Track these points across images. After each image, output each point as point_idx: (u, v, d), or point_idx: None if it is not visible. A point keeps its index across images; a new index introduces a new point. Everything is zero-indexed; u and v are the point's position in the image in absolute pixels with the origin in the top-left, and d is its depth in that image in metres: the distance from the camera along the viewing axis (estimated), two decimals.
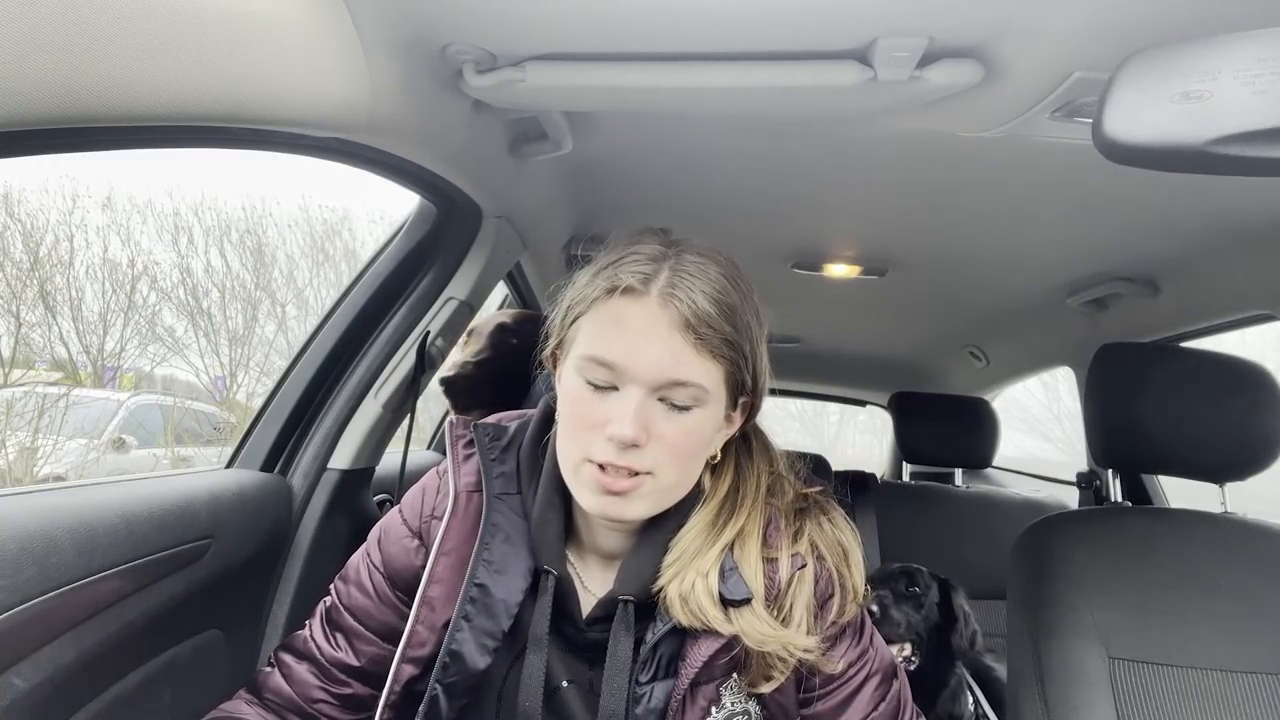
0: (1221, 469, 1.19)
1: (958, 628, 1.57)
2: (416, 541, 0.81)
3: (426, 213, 1.24)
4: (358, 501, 1.26)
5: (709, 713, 0.73)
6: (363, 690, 0.81)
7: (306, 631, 0.84)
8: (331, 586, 0.85)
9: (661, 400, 0.69)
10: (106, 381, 7.62)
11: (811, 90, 0.88)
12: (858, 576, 0.78)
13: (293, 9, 0.67)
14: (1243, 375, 1.16)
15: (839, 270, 1.82)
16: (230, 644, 0.98)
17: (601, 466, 0.69)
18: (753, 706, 0.75)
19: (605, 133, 1.17)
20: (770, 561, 0.75)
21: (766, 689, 0.74)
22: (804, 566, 0.76)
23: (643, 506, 0.72)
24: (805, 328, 2.58)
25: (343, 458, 1.20)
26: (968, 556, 2.01)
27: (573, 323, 0.74)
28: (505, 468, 0.80)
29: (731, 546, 0.75)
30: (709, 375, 0.70)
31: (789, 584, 0.75)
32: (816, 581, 0.76)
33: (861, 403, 3.77)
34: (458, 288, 1.28)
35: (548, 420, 0.80)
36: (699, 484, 0.78)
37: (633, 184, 1.41)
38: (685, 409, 0.70)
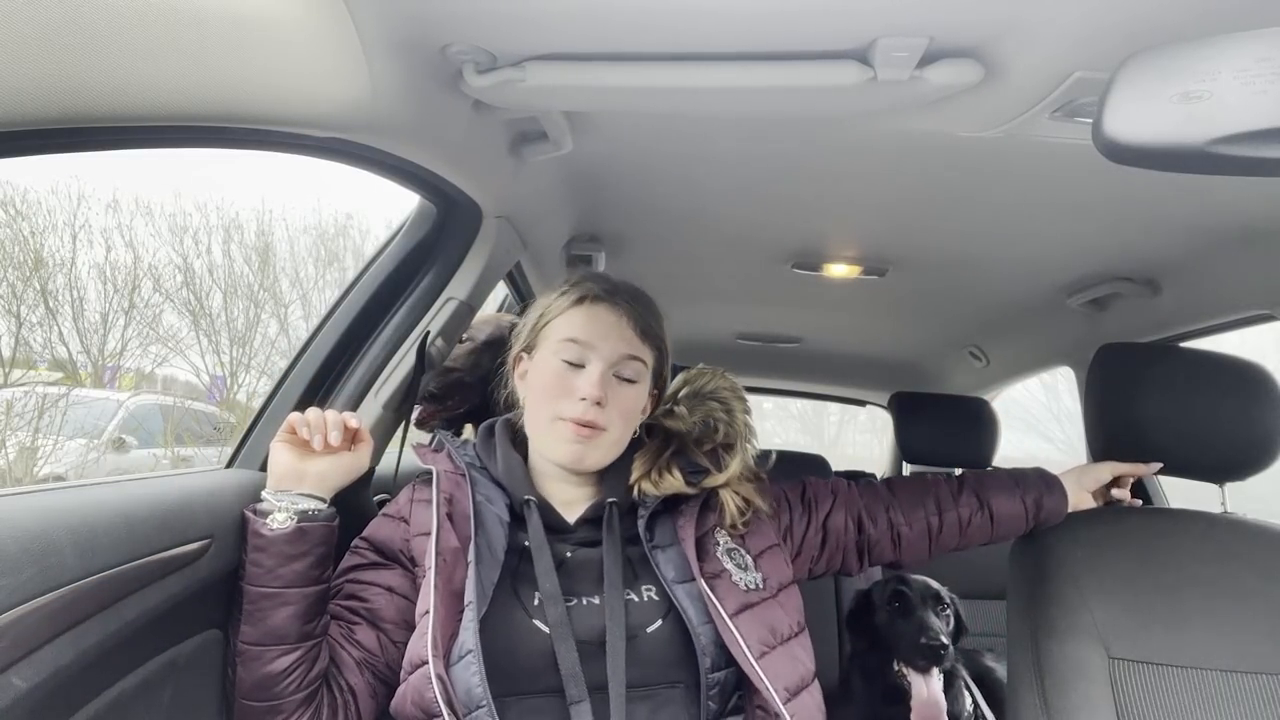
0: (1221, 469, 1.19)
1: (963, 637, 1.58)
2: (402, 522, 0.99)
3: (426, 213, 1.24)
4: (358, 501, 1.26)
5: (716, 548, 0.96)
6: (370, 637, 0.93)
7: None
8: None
9: (615, 376, 0.98)
10: (106, 381, 7.62)
11: (811, 90, 0.88)
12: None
13: (293, 9, 0.67)
14: (1243, 375, 1.16)
15: (839, 270, 1.81)
16: (230, 644, 0.98)
17: (567, 420, 0.95)
18: (740, 544, 0.99)
19: (605, 133, 1.17)
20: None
21: (740, 521, 1.00)
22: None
23: (599, 456, 0.98)
24: (805, 328, 2.58)
25: None
26: (968, 556, 1.99)
27: (544, 327, 1.01)
28: (467, 452, 1.04)
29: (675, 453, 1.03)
30: (646, 355, 1.01)
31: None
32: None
33: (861, 403, 3.76)
34: (458, 288, 1.28)
35: (490, 428, 1.07)
36: (639, 439, 1.05)
37: (633, 184, 1.41)
38: (630, 382, 0.99)
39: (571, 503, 1.01)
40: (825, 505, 1.11)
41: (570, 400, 0.95)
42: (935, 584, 1.59)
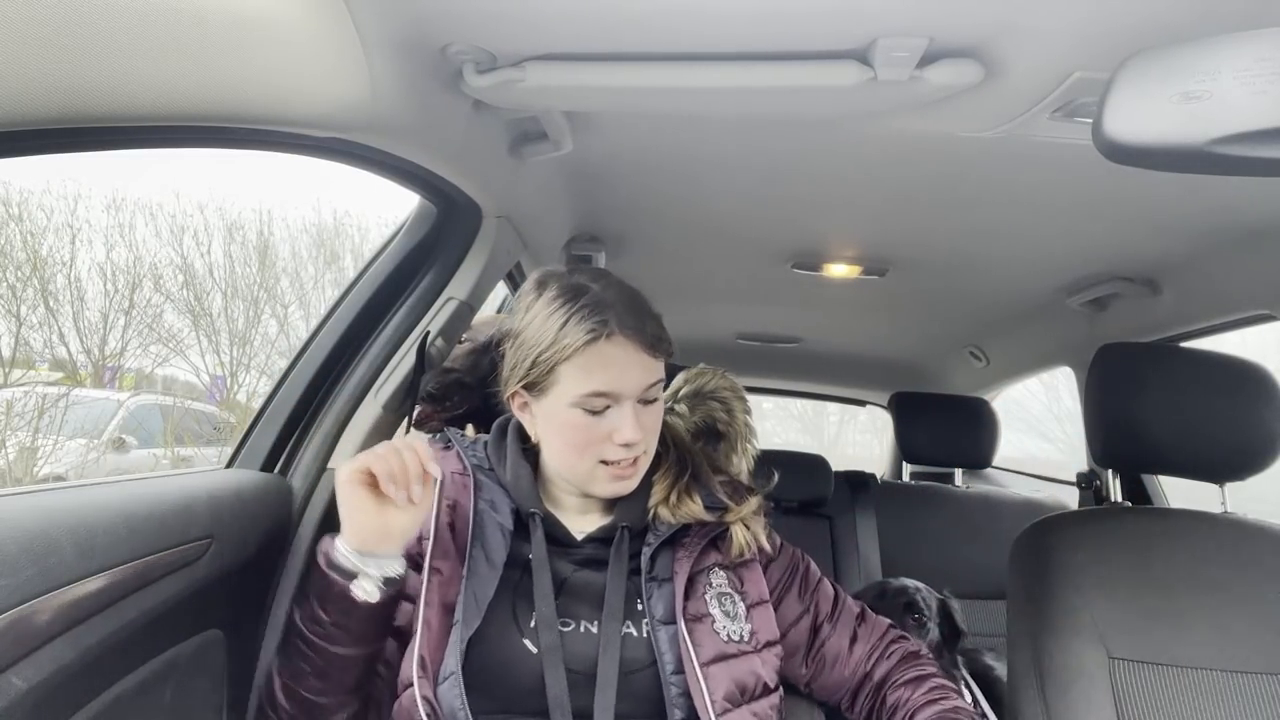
0: (1221, 469, 1.19)
1: (961, 642, 1.56)
2: None
3: (426, 213, 1.24)
4: None
5: (707, 589, 0.93)
6: (391, 646, 0.89)
7: None
8: None
9: (640, 401, 0.91)
10: (106, 381, 7.62)
11: (811, 90, 0.88)
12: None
13: (293, 9, 0.67)
14: (1243, 375, 1.16)
15: (839, 270, 1.82)
16: (230, 644, 0.98)
17: (609, 462, 0.91)
18: (735, 589, 0.96)
19: (605, 133, 1.17)
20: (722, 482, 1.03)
21: (742, 560, 0.97)
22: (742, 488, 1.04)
23: (637, 479, 0.94)
24: (805, 328, 2.58)
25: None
26: (968, 556, 2.00)
27: (551, 370, 0.89)
28: (477, 451, 1.00)
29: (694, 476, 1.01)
30: (661, 370, 0.94)
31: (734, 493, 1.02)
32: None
33: (861, 403, 3.77)
34: (458, 288, 1.28)
35: (503, 428, 1.02)
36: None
37: (633, 184, 1.41)
38: (654, 401, 0.94)
39: (583, 515, 0.98)
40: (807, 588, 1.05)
41: (609, 445, 0.90)
42: (921, 590, 1.55)
